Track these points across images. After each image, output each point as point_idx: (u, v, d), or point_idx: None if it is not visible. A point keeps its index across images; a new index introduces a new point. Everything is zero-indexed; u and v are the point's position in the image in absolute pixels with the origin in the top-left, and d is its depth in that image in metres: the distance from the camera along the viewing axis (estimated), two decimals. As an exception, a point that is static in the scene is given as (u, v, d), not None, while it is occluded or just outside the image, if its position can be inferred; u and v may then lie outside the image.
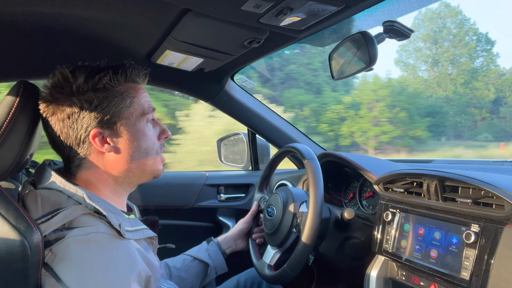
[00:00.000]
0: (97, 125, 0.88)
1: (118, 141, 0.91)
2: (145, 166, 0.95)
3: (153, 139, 0.96)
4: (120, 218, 0.87)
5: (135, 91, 0.93)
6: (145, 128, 0.94)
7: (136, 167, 0.94)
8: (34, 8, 0.89)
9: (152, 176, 0.98)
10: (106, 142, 0.90)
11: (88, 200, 0.83)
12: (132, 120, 0.91)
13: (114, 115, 0.89)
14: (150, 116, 0.95)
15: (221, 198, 1.94)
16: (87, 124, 0.87)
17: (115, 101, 0.89)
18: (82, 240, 0.77)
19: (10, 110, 0.84)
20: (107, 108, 0.88)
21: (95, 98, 0.87)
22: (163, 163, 1.00)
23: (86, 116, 0.87)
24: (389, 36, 1.05)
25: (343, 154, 1.47)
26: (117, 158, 0.92)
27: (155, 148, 0.96)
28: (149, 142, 0.94)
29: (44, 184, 0.87)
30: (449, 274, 0.94)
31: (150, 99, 0.98)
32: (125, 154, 0.92)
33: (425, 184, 1.05)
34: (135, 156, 0.93)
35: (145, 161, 0.95)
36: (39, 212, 0.82)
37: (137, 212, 1.09)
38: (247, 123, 1.84)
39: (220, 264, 1.31)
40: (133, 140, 0.92)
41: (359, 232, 1.25)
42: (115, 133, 0.90)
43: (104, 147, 0.89)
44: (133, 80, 0.94)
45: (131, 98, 0.91)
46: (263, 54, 1.30)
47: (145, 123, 0.94)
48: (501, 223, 0.87)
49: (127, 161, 0.92)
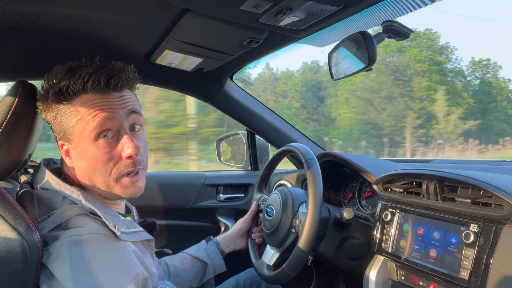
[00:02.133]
0: (59, 136, 0.88)
1: (74, 156, 0.87)
2: (103, 186, 0.87)
3: (101, 159, 0.84)
4: (116, 219, 0.87)
5: (88, 104, 0.83)
6: (95, 146, 0.84)
7: (91, 186, 0.88)
8: (33, 8, 0.89)
9: (116, 197, 0.90)
10: (68, 155, 0.88)
11: (84, 201, 0.83)
12: (80, 136, 0.84)
13: (66, 129, 0.85)
14: (100, 133, 0.83)
15: (220, 198, 1.94)
16: (57, 133, 0.88)
17: (66, 114, 0.84)
18: (77, 240, 0.77)
19: (9, 110, 0.84)
20: (60, 121, 0.85)
21: (56, 108, 0.85)
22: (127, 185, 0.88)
23: (55, 125, 0.88)
24: (388, 36, 1.05)
25: (342, 154, 1.47)
26: (79, 172, 0.88)
27: (109, 169, 0.85)
28: (98, 161, 0.84)
29: (40, 184, 0.87)
30: (448, 274, 0.94)
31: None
32: (80, 171, 0.87)
33: (424, 184, 1.05)
34: (89, 175, 0.86)
35: (100, 181, 0.86)
36: (36, 212, 0.82)
37: (135, 214, 1.09)
38: (247, 123, 1.84)
39: (219, 264, 1.31)
40: (81, 157, 0.85)
41: (358, 232, 1.25)
42: (72, 148, 0.87)
43: (67, 159, 0.89)
44: (93, 90, 0.83)
45: (79, 113, 0.83)
46: (262, 54, 1.30)
47: (93, 141, 0.83)
48: (500, 223, 0.87)
49: (86, 178, 0.87)
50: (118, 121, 0.85)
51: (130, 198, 0.98)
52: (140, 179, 0.90)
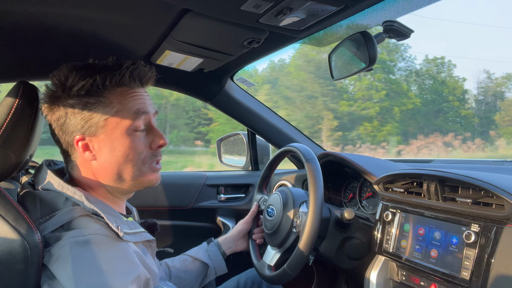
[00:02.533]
0: (80, 131, 0.87)
1: (100, 149, 0.88)
2: (131, 176, 0.90)
3: (140, 149, 0.90)
4: (119, 220, 0.87)
5: (123, 97, 0.88)
6: (130, 136, 0.88)
7: (121, 177, 0.90)
8: (33, 8, 0.89)
9: (143, 186, 0.94)
10: (88, 149, 0.88)
11: (86, 202, 0.83)
12: (114, 128, 0.87)
13: (97, 122, 0.86)
14: (138, 124, 0.89)
15: (221, 199, 1.94)
16: (73, 128, 0.87)
17: (98, 108, 0.86)
18: (79, 241, 0.77)
19: (10, 111, 0.84)
20: (90, 114, 0.86)
21: (79, 103, 0.85)
22: (156, 172, 0.94)
23: (72, 121, 0.86)
24: (389, 36, 1.06)
25: (343, 154, 1.47)
26: (100, 166, 0.89)
27: (141, 158, 0.90)
28: (133, 151, 0.89)
29: (42, 185, 0.87)
30: (449, 274, 0.94)
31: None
32: (107, 163, 0.88)
33: (425, 184, 1.05)
34: (118, 166, 0.89)
35: (130, 171, 0.90)
36: (38, 213, 0.82)
37: (136, 215, 1.09)
38: (247, 123, 1.84)
39: (220, 265, 1.31)
40: (114, 149, 0.88)
41: (359, 232, 1.24)
42: (98, 141, 0.88)
43: (85, 154, 0.88)
44: (124, 84, 0.89)
45: (116, 105, 0.87)
46: (262, 54, 1.30)
47: (130, 132, 0.88)
48: (501, 223, 0.87)
49: (109, 170, 0.89)
50: (149, 115, 0.93)
51: (130, 198, 1.01)
52: (160, 168, 0.97)
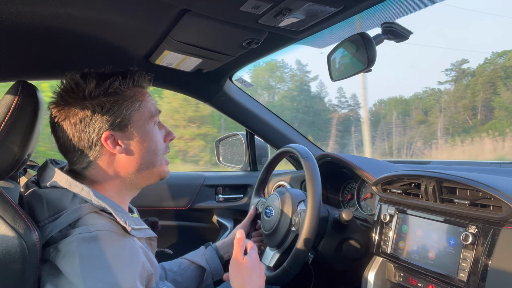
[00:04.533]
0: (109, 128, 0.90)
1: (129, 143, 0.93)
2: (154, 167, 0.98)
3: (161, 141, 0.99)
4: (126, 216, 0.88)
5: (142, 95, 0.96)
6: (153, 130, 0.97)
7: (145, 168, 0.96)
8: (32, 8, 0.89)
9: (159, 177, 1.01)
10: (117, 144, 0.92)
11: (94, 198, 0.84)
12: (141, 122, 0.94)
13: (124, 118, 0.92)
14: (157, 119, 0.99)
15: (219, 199, 1.94)
16: (99, 127, 0.90)
17: (125, 104, 0.92)
18: (87, 237, 0.78)
19: (8, 110, 0.84)
20: (118, 112, 0.91)
21: (106, 102, 0.90)
22: (167, 164, 1.03)
23: (98, 120, 0.89)
24: (388, 37, 1.06)
25: (341, 155, 1.47)
26: (128, 159, 0.94)
27: (161, 149, 0.99)
28: (157, 143, 0.98)
29: (48, 182, 0.87)
30: (447, 275, 0.95)
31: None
32: (135, 156, 0.94)
33: (423, 186, 1.05)
34: (145, 158, 0.95)
35: (153, 162, 0.97)
36: (45, 212, 0.82)
37: (137, 214, 1.09)
38: (246, 124, 1.84)
39: (217, 269, 1.30)
40: (143, 141, 0.95)
41: (357, 233, 1.25)
42: (126, 135, 0.93)
43: (116, 149, 0.91)
44: (140, 85, 0.97)
45: (140, 102, 0.95)
46: (262, 55, 1.30)
47: (153, 125, 0.97)
48: (499, 225, 0.87)
49: (137, 162, 0.95)
50: (159, 111, 1.01)
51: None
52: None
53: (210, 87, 1.61)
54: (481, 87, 21.46)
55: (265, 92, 23.04)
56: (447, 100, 23.13)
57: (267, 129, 1.84)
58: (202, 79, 1.52)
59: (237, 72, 1.56)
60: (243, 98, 1.74)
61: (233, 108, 1.75)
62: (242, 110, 1.76)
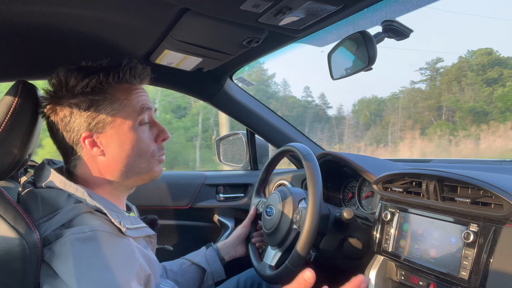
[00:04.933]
0: (86, 128, 0.88)
1: (108, 144, 0.89)
2: (139, 169, 0.94)
3: (147, 142, 0.94)
4: (121, 215, 0.87)
5: (128, 93, 0.91)
6: (137, 131, 0.92)
7: (129, 171, 0.93)
8: (32, 7, 0.89)
9: (149, 179, 0.97)
10: (96, 146, 0.89)
11: (88, 198, 0.84)
12: (122, 123, 0.89)
13: (103, 118, 0.88)
14: (144, 118, 0.93)
15: (220, 198, 1.94)
16: (78, 127, 0.88)
17: (104, 104, 0.88)
18: (81, 238, 0.77)
19: (9, 110, 0.84)
20: (96, 112, 0.87)
21: (84, 101, 0.87)
22: (161, 164, 0.99)
23: (77, 119, 0.87)
24: (388, 35, 1.05)
25: (342, 154, 1.47)
26: (108, 161, 0.91)
27: (150, 151, 0.94)
28: (142, 145, 0.92)
29: (44, 183, 0.87)
30: (448, 273, 0.94)
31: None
32: (115, 158, 0.90)
33: (424, 184, 1.05)
34: (127, 160, 0.91)
35: (138, 164, 0.93)
36: (40, 212, 0.82)
37: (136, 212, 1.09)
38: (246, 122, 1.84)
39: (218, 271, 1.30)
40: (122, 144, 0.90)
41: (358, 232, 1.24)
42: (106, 137, 0.89)
43: (94, 150, 0.89)
44: (126, 81, 0.92)
45: (121, 101, 0.90)
46: (262, 54, 1.30)
47: (137, 126, 0.91)
48: (500, 223, 0.87)
49: (118, 165, 0.91)
50: (152, 110, 0.96)
51: (128, 197, 1.02)
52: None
53: (211, 86, 1.61)
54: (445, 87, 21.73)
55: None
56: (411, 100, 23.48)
57: (267, 128, 1.84)
58: (203, 78, 1.52)
59: (237, 71, 1.56)
60: (244, 97, 1.74)
61: (233, 107, 1.75)
62: (242, 109, 1.76)
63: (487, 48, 22.54)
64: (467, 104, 20.65)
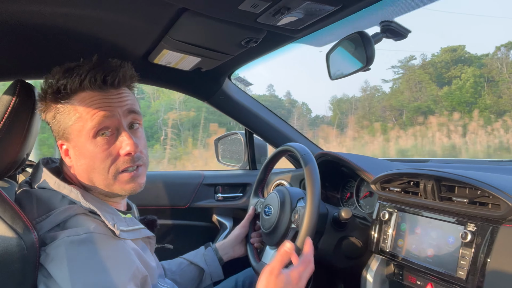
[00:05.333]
0: (58, 136, 0.88)
1: (73, 155, 0.88)
2: (102, 184, 0.87)
3: (102, 157, 0.84)
4: (116, 218, 0.86)
5: (84, 102, 0.83)
6: (93, 144, 0.84)
7: (91, 185, 0.88)
8: (31, 7, 0.89)
9: (121, 193, 0.89)
10: (67, 155, 0.89)
11: (82, 200, 0.83)
12: (79, 135, 0.84)
13: (65, 128, 0.85)
14: (97, 130, 0.83)
15: (218, 198, 1.94)
16: (56, 132, 0.88)
17: (63, 115, 0.85)
18: (75, 240, 0.77)
19: (6, 109, 0.84)
20: (58, 121, 0.86)
21: (54, 108, 0.85)
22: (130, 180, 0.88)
23: (53, 125, 0.88)
24: (386, 36, 1.06)
25: (340, 154, 1.47)
26: (78, 172, 0.88)
27: (107, 166, 0.85)
28: (96, 159, 0.84)
29: (39, 183, 0.87)
30: (446, 273, 0.95)
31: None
32: (80, 170, 0.88)
33: (422, 184, 1.05)
34: (88, 173, 0.86)
35: (98, 179, 0.86)
36: (34, 212, 0.82)
37: (135, 211, 1.08)
38: (245, 122, 1.84)
39: (216, 271, 1.30)
40: (81, 156, 0.86)
41: (356, 232, 1.25)
42: (71, 147, 0.87)
43: (66, 158, 0.89)
44: (85, 88, 0.83)
45: (79, 111, 0.83)
46: (260, 54, 1.30)
47: (92, 139, 0.84)
48: (497, 223, 0.88)
49: (84, 177, 0.88)
50: (116, 119, 0.85)
51: (130, 196, 0.98)
52: (140, 175, 0.90)
53: (209, 86, 1.61)
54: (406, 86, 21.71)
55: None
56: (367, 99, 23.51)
57: (266, 128, 1.84)
58: (201, 78, 1.52)
59: (236, 71, 1.56)
60: (242, 96, 1.74)
61: (232, 107, 1.75)
62: (241, 109, 1.76)
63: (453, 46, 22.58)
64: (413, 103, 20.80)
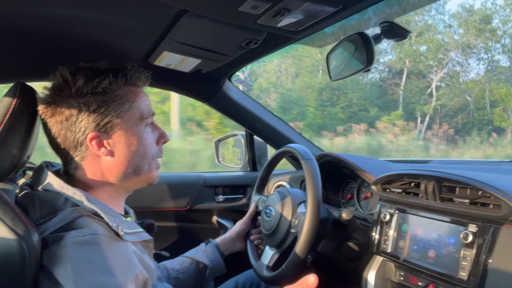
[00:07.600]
0: (94, 129, 0.87)
1: (115, 145, 0.90)
2: (141, 171, 0.94)
3: (151, 144, 0.95)
4: (118, 220, 0.87)
5: (135, 95, 0.93)
6: (143, 132, 0.93)
7: (132, 172, 0.93)
8: (31, 9, 0.89)
9: (147, 182, 0.97)
10: (103, 146, 0.89)
11: (86, 202, 0.83)
12: (130, 124, 0.91)
13: (112, 119, 0.88)
14: (149, 120, 0.95)
15: (218, 199, 1.94)
16: (85, 127, 0.87)
17: (113, 105, 0.88)
18: (79, 241, 0.77)
19: (7, 112, 0.84)
20: (105, 112, 0.88)
21: (94, 101, 0.86)
22: (158, 169, 0.99)
23: (85, 119, 0.87)
24: (386, 37, 1.06)
25: (341, 155, 1.47)
26: (114, 162, 0.91)
27: (152, 153, 0.95)
28: (146, 146, 0.94)
29: (41, 185, 0.87)
30: (447, 274, 0.95)
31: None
32: (121, 158, 0.91)
33: (423, 185, 1.05)
34: (131, 161, 0.92)
35: (141, 167, 0.94)
36: (37, 214, 0.82)
37: (133, 216, 1.08)
38: (245, 124, 1.84)
39: (219, 266, 1.31)
40: (130, 144, 0.91)
41: (357, 233, 1.25)
42: (113, 137, 0.90)
43: (101, 150, 0.89)
44: (133, 84, 0.93)
45: (130, 102, 0.91)
46: (260, 55, 1.30)
47: (143, 128, 0.93)
48: (499, 223, 0.87)
49: (123, 166, 0.92)
50: (154, 114, 0.98)
51: (127, 199, 1.02)
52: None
53: (209, 87, 1.61)
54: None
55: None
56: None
57: (266, 129, 1.84)
58: (201, 80, 1.52)
59: (236, 72, 1.56)
60: (242, 98, 1.74)
61: (232, 109, 1.75)
62: (241, 111, 1.76)
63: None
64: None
